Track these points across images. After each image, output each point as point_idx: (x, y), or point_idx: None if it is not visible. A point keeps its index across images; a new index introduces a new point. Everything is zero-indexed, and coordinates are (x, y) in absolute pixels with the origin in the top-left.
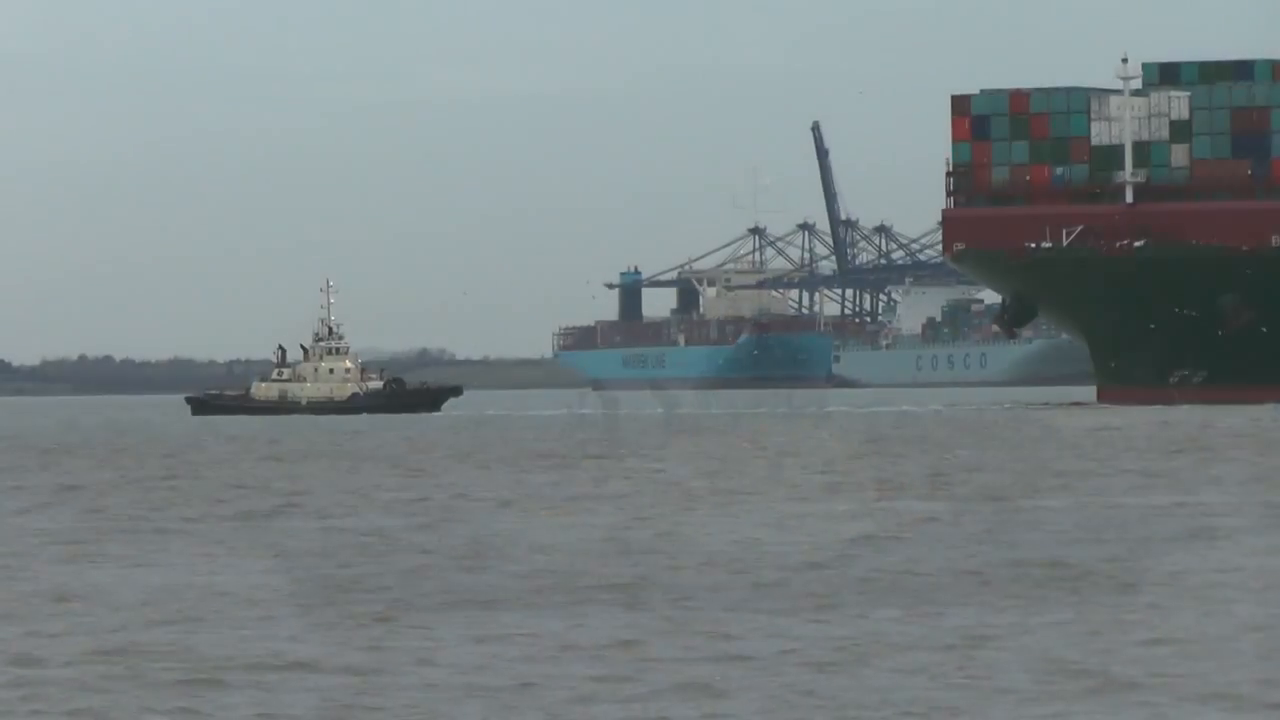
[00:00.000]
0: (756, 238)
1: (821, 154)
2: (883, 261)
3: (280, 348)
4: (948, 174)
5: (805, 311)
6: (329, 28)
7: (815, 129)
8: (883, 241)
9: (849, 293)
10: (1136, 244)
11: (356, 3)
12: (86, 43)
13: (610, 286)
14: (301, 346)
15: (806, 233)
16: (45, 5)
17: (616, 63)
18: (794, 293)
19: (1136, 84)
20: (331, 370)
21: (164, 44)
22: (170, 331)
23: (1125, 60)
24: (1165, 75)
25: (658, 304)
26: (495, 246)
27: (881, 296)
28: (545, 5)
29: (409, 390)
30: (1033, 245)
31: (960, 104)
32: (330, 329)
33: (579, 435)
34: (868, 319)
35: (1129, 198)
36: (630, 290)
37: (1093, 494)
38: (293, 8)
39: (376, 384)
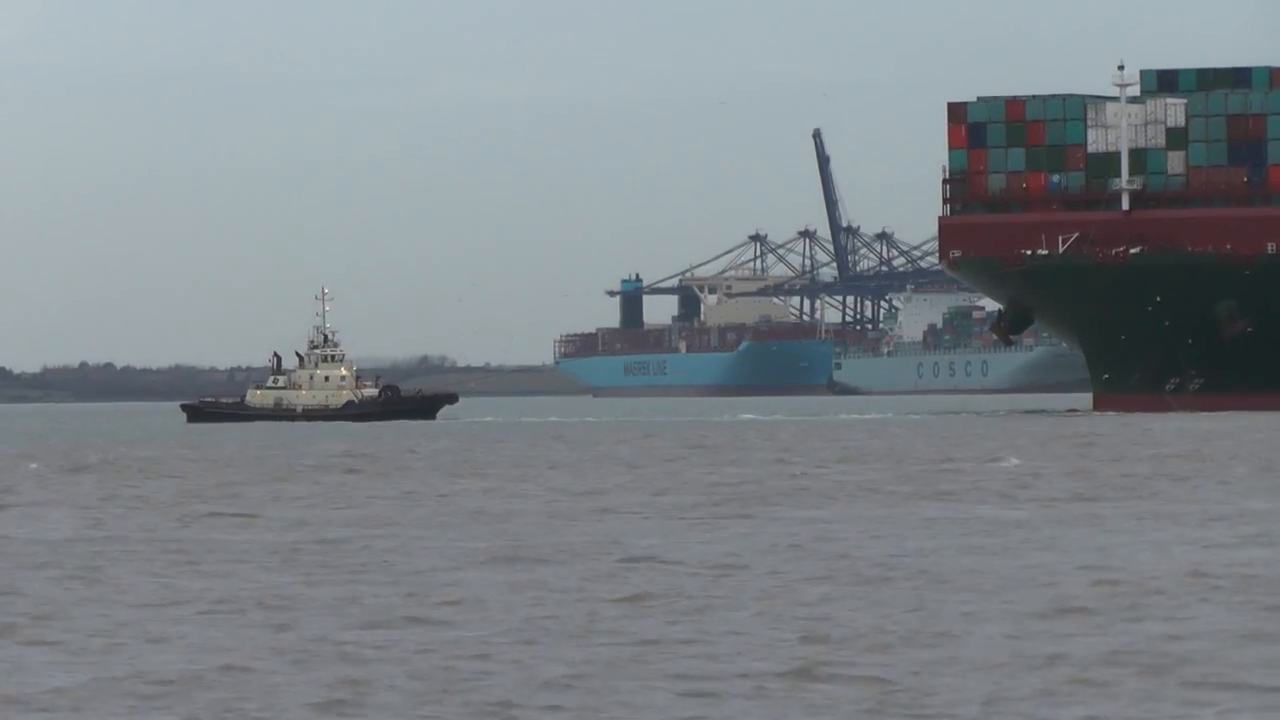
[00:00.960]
0: (757, 245)
1: (822, 161)
2: (884, 268)
3: (275, 355)
4: (944, 181)
5: (806, 319)
6: (331, 33)
7: (816, 136)
8: (884, 248)
9: (850, 300)
10: (1132, 251)
11: (359, 9)
12: (89, 51)
13: (611, 294)
14: (297, 354)
15: (807, 240)
16: (50, 14)
17: (618, 71)
18: (795, 300)
19: (1133, 91)
20: (327, 378)
21: (165, 52)
22: (171, 339)
23: (1122, 67)
24: (1163, 82)
25: (659, 311)
26: (497, 253)
27: (883, 303)
28: (547, 13)
29: (404, 397)
30: (1029, 253)
31: (956, 111)
32: (326, 336)
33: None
34: (869, 326)
35: (1125, 205)
36: (631, 297)
37: None
38: (296, 14)
39: (371, 392)
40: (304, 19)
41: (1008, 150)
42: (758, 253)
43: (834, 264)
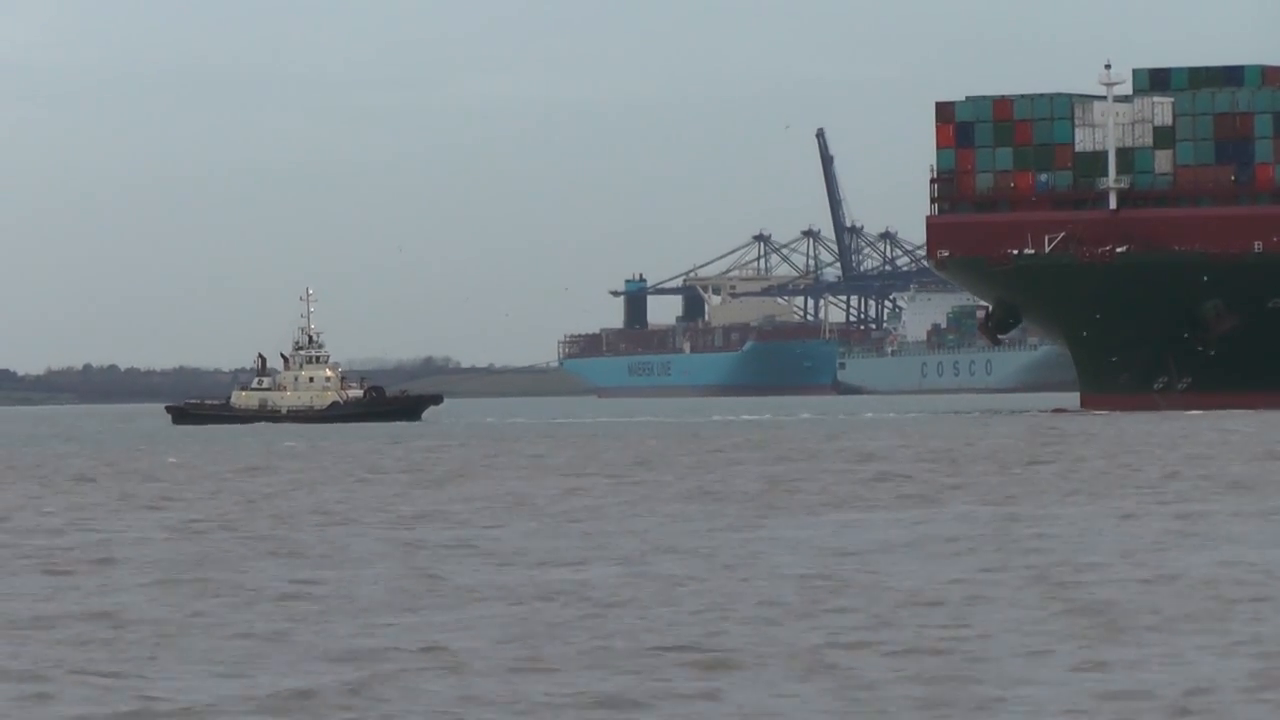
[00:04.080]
0: (761, 245)
1: (826, 161)
2: (887, 268)
3: (260, 356)
4: (932, 180)
5: (810, 318)
6: (334, 35)
7: (820, 136)
8: (887, 248)
9: (854, 299)
10: (1119, 250)
11: (362, 10)
12: (90, 54)
13: (615, 294)
14: (282, 355)
15: (811, 239)
16: (47, 18)
17: (621, 72)
18: (799, 300)
19: (1121, 90)
20: (311, 379)
21: (169, 53)
22: (175, 341)
23: (1109, 66)
24: (1155, 81)
25: (663, 311)
26: (500, 254)
27: (886, 303)
28: (549, 15)
29: (388, 398)
30: (1014, 252)
31: (944, 111)
32: (310, 337)
33: None
34: (873, 326)
35: (1113, 204)
36: (635, 298)
37: None
38: (298, 15)
39: (356, 393)
40: (306, 20)
41: (995, 149)
42: (761, 253)
43: (838, 264)
